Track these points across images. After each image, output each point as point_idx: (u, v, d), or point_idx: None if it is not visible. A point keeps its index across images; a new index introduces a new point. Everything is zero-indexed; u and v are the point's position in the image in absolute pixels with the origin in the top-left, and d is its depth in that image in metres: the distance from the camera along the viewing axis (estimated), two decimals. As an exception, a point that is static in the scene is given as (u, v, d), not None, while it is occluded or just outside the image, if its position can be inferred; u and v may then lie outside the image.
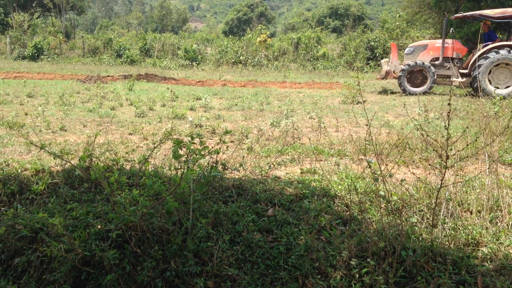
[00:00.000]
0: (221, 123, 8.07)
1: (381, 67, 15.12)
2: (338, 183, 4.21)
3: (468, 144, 4.21)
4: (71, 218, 3.13)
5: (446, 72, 13.96)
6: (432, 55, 14.12)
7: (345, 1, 74.98)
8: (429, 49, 14.22)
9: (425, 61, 13.95)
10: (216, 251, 2.78)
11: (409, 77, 14.01)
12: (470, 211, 3.52)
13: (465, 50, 14.22)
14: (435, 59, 14.08)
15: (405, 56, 14.65)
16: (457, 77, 13.66)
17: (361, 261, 2.68)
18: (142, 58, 31.23)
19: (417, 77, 13.98)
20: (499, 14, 13.30)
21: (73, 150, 5.43)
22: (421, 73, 13.95)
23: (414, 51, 14.46)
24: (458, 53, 14.01)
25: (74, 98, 11.22)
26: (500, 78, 12.93)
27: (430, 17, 26.27)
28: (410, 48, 14.73)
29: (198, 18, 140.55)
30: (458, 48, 14.03)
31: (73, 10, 54.62)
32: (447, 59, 13.99)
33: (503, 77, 12.94)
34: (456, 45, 14.03)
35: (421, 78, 13.95)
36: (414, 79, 14.01)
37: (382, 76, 14.84)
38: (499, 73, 12.93)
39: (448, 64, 13.94)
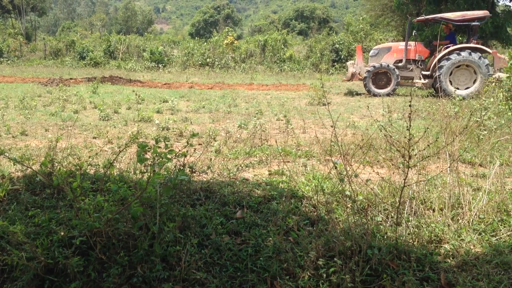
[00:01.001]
0: (189, 126, 8.02)
1: (347, 69, 15.41)
2: (305, 184, 4.25)
3: (429, 144, 4.33)
4: (32, 225, 3.03)
5: (409, 74, 14.38)
6: (395, 57, 14.49)
7: (310, 4, 76.04)
8: (393, 51, 14.60)
9: (389, 63, 14.28)
10: (184, 255, 2.75)
11: (374, 78, 14.32)
12: (432, 209, 3.62)
13: (427, 52, 14.65)
14: (399, 61, 14.44)
15: (370, 58, 14.98)
16: (419, 79, 14.09)
17: (329, 260, 2.71)
18: (106, 60, 30.63)
19: (381, 79, 14.31)
20: (459, 17, 13.85)
21: (35, 155, 5.28)
22: (385, 75, 14.28)
23: (378, 53, 14.81)
24: (421, 55, 14.44)
25: (36, 102, 10.90)
26: (460, 79, 13.38)
27: (393, 20, 26.96)
28: (374, 51, 15.09)
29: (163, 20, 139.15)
30: (421, 50, 14.45)
31: (34, 12, 53.06)
32: (410, 61, 14.39)
33: (464, 78, 13.39)
34: (418, 47, 14.46)
35: (385, 80, 14.28)
36: (379, 81, 14.34)
37: (348, 78, 15.13)
38: (460, 75, 13.38)
39: (411, 66, 14.35)
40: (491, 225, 3.34)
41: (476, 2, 19.35)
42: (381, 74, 14.31)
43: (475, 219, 3.39)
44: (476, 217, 3.41)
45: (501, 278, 2.64)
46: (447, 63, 13.11)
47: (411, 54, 14.37)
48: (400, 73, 14.22)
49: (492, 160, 5.11)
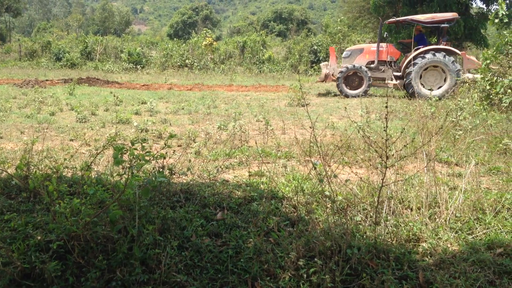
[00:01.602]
0: (168, 127, 7.96)
1: (321, 70, 15.63)
2: (285, 185, 4.26)
3: (406, 144, 4.40)
4: (8, 230, 2.96)
5: (382, 75, 14.67)
6: (368, 59, 14.77)
7: (288, 5, 76.50)
8: (365, 53, 14.88)
9: (361, 64, 14.53)
10: (164, 257, 2.73)
11: (347, 80, 14.53)
12: (410, 208, 3.68)
13: (399, 53, 15.01)
14: (371, 62, 14.73)
15: (343, 60, 15.22)
16: (391, 80, 14.39)
17: (309, 261, 2.72)
18: (83, 62, 30.19)
19: (354, 80, 14.54)
20: (429, 19, 14.26)
21: (10, 159, 5.16)
22: (358, 76, 14.51)
23: (351, 54, 15.06)
24: (392, 57, 14.76)
25: (10, 104, 10.67)
26: (431, 80, 13.73)
27: (370, 22, 27.33)
28: (347, 52, 15.34)
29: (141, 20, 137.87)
30: (392, 51, 14.78)
31: (8, 12, 51.87)
32: (382, 62, 14.71)
33: (434, 78, 13.76)
34: (390, 48, 14.78)
35: (358, 81, 14.51)
36: (352, 82, 14.56)
37: (322, 79, 15.35)
38: (430, 76, 13.74)
39: (383, 67, 14.66)
40: (467, 223, 3.40)
41: (450, 5, 19.74)
42: (354, 75, 14.53)
43: (451, 217, 3.45)
44: (453, 215, 3.48)
45: (477, 276, 2.69)
46: (415, 68, 13.46)
47: (382, 55, 14.67)
48: (372, 74, 14.51)
49: (468, 159, 5.22)
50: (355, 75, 14.51)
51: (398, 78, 14.35)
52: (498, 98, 9.15)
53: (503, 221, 3.44)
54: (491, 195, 3.94)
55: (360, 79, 14.45)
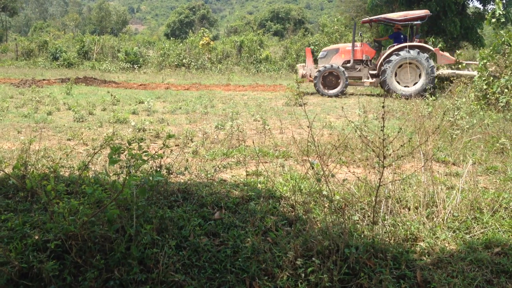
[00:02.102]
0: (165, 127, 7.95)
1: (297, 71, 15.91)
2: (283, 184, 4.26)
3: (404, 144, 4.41)
4: (6, 229, 2.95)
5: (358, 74, 14.94)
6: (343, 58, 15.02)
7: (286, 5, 76.46)
8: (341, 53, 15.13)
9: (337, 64, 14.76)
10: (161, 257, 2.72)
11: (324, 79, 14.74)
12: (408, 208, 3.68)
13: (373, 52, 15.28)
14: (347, 61, 14.97)
15: (319, 60, 15.45)
16: (368, 78, 14.70)
17: (307, 260, 2.73)
18: (80, 61, 30.11)
19: (331, 79, 14.73)
20: (401, 17, 14.61)
21: (7, 158, 5.14)
22: (334, 75, 14.70)
23: (327, 55, 15.30)
24: (367, 55, 15.03)
25: (7, 103, 10.63)
26: (406, 77, 14.03)
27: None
28: (323, 52, 15.59)
29: (138, 20, 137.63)
30: (367, 50, 15.07)
31: (5, 11, 51.63)
32: (357, 61, 14.96)
33: (409, 75, 14.05)
34: (364, 48, 15.08)
35: (335, 80, 14.71)
36: (329, 82, 14.75)
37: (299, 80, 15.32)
38: (405, 73, 14.02)
39: (359, 66, 14.91)
40: (465, 222, 3.41)
41: (448, 4, 19.78)
42: (331, 75, 14.72)
43: (449, 217, 3.46)
44: (450, 215, 3.49)
45: (475, 275, 2.70)
46: (389, 65, 13.75)
47: (358, 54, 14.94)
48: (349, 73, 14.70)
49: (465, 159, 5.24)
50: (332, 75, 14.72)
51: (374, 77, 14.65)
52: (495, 97, 9.19)
53: (500, 220, 3.46)
54: (488, 195, 3.95)
55: (337, 78, 14.67)
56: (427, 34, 19.31)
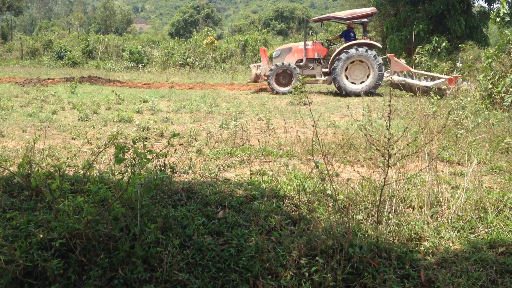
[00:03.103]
0: (169, 126, 7.96)
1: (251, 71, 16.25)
2: (287, 183, 4.26)
3: (408, 143, 4.39)
4: (10, 228, 2.97)
5: (311, 72, 15.38)
6: (296, 57, 15.44)
7: (290, 4, 76.34)
8: (294, 52, 15.55)
9: (291, 62, 15.16)
10: (165, 256, 2.73)
11: (277, 77, 15.09)
12: (412, 207, 3.67)
13: (325, 50, 15.69)
14: (300, 60, 15.38)
15: (274, 59, 15.85)
16: (321, 76, 15.16)
17: (310, 259, 2.72)
18: (84, 60, 30.22)
19: (284, 77, 15.10)
20: (349, 15, 15.17)
21: (12, 157, 5.17)
22: (287, 73, 15.07)
23: (280, 54, 15.71)
24: (320, 54, 15.47)
25: (12, 102, 10.68)
26: (356, 74, 14.50)
27: (371, 20, 27.21)
28: (277, 52, 16.01)
29: (143, 19, 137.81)
30: (319, 49, 15.53)
31: (10, 11, 51.83)
32: (310, 60, 15.39)
33: (358, 72, 14.52)
34: (317, 46, 15.56)
35: (288, 78, 15.07)
36: (282, 79, 15.11)
37: (252, 80, 16.00)
38: (355, 69, 14.49)
39: (312, 65, 15.35)
40: (469, 222, 3.40)
41: (453, 3, 19.69)
42: (284, 73, 15.08)
43: (453, 216, 3.45)
44: (455, 214, 3.47)
45: (479, 275, 2.69)
46: (339, 62, 14.19)
47: (310, 53, 15.37)
48: (302, 72, 15.14)
49: (470, 158, 5.21)
50: (285, 73, 15.08)
51: (326, 74, 15.07)
52: (500, 97, 9.15)
53: (505, 220, 3.44)
54: (493, 194, 3.93)
55: (289, 76, 15.04)
56: (431, 33, 19.22)
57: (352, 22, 15.59)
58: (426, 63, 16.31)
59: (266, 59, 15.84)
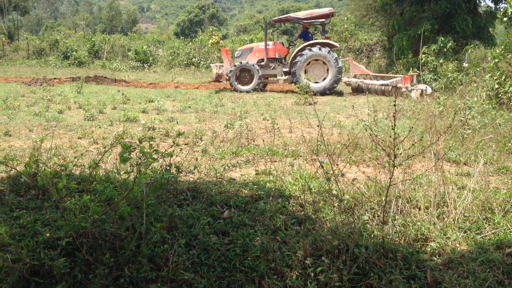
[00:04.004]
0: (175, 126, 7.97)
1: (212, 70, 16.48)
2: (292, 183, 4.26)
3: (414, 143, 4.38)
4: (17, 227, 2.99)
5: (273, 72, 15.64)
6: (258, 57, 15.72)
7: (295, 3, 76.28)
8: (255, 51, 15.83)
9: (252, 62, 15.43)
10: (171, 255, 2.74)
11: (239, 76, 15.40)
12: (418, 208, 3.66)
13: (286, 50, 16.03)
14: (261, 60, 15.65)
15: (235, 59, 16.15)
16: (282, 76, 15.39)
17: (316, 259, 2.72)
18: (90, 60, 30.33)
19: (245, 76, 15.40)
20: (307, 16, 15.50)
21: (19, 156, 5.19)
22: (248, 72, 15.38)
23: (242, 53, 15.99)
24: (280, 54, 15.80)
25: (19, 102, 10.73)
26: (315, 73, 14.81)
27: (377, 20, 27.17)
28: (239, 52, 16.29)
29: (148, 19, 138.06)
30: (279, 49, 15.87)
31: (16, 11, 52.16)
32: (271, 59, 15.66)
33: (318, 71, 14.82)
34: (277, 46, 15.89)
35: (249, 77, 15.39)
36: (243, 78, 15.42)
37: (213, 79, 16.20)
38: (314, 69, 14.81)
39: (273, 64, 15.60)
40: (476, 223, 3.38)
41: (459, 3, 19.59)
42: (245, 72, 15.40)
43: (460, 217, 3.43)
44: (461, 215, 3.46)
45: (486, 276, 2.68)
46: (300, 59, 14.49)
47: (271, 53, 15.64)
48: (264, 71, 15.46)
49: (476, 158, 5.19)
50: (246, 72, 15.38)
51: (287, 74, 15.33)
52: (507, 97, 9.10)
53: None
54: (500, 195, 3.91)
55: (250, 75, 15.33)
56: (437, 33, 19.13)
57: (311, 23, 15.98)
58: (432, 63, 16.22)
59: (227, 58, 16.14)
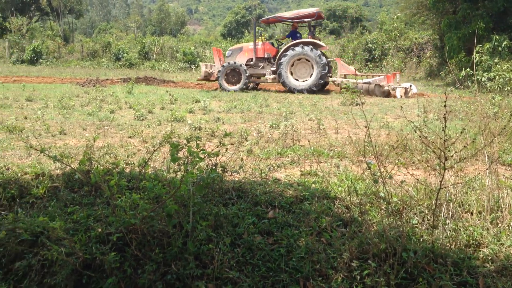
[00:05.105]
0: (221, 126, 8.07)
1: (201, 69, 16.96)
2: (338, 184, 4.20)
3: (467, 145, 4.21)
4: (71, 222, 3.12)
5: (261, 71, 15.91)
6: (247, 56, 16.02)
7: (343, 3, 75.17)
8: (244, 51, 16.13)
9: (242, 62, 15.74)
10: (216, 253, 2.77)
11: (227, 76, 15.66)
12: (470, 212, 3.52)
13: (275, 50, 16.13)
14: (250, 60, 15.91)
15: (226, 58, 16.42)
16: (270, 75, 15.64)
17: (362, 263, 2.68)
18: (140, 61, 31.27)
19: (233, 76, 15.68)
20: (294, 15, 15.81)
21: (73, 154, 5.42)
22: (237, 72, 15.65)
23: (232, 53, 16.31)
24: (269, 53, 16.00)
25: (73, 102, 11.21)
26: (302, 72, 15.09)
27: (428, 18, 26.25)
28: (229, 51, 16.61)
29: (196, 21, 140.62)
30: (268, 49, 16.08)
31: (71, 14, 54.61)
32: (260, 59, 15.91)
33: (304, 71, 15.09)
34: (266, 46, 16.12)
35: (237, 77, 15.66)
36: (232, 78, 15.69)
37: (202, 77, 16.53)
38: (301, 67, 15.07)
39: (262, 64, 15.84)
40: (533, 229, 3.21)
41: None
42: (234, 72, 15.66)
43: (515, 223, 3.27)
44: (517, 221, 3.29)
45: (543, 285, 2.54)
46: (285, 58, 14.89)
47: (259, 53, 15.90)
48: (253, 70, 15.75)
49: (534, 162, 4.92)
50: (235, 72, 15.64)
51: (274, 73, 15.49)
52: None
53: None
54: (560, 201, 3.69)
55: (239, 75, 15.58)
56: (492, 31, 18.29)
57: (297, 22, 16.17)
58: (486, 63, 15.53)
59: (218, 58, 16.43)
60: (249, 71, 15.64)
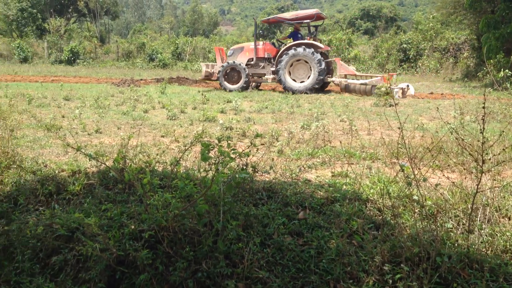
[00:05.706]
0: (251, 126, 8.09)
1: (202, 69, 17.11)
2: (370, 186, 4.14)
3: (505, 148, 4.07)
4: (105, 218, 3.19)
5: (262, 71, 16.00)
6: (248, 56, 16.10)
7: (377, 2, 73.98)
8: (245, 51, 16.22)
9: (243, 61, 15.85)
10: (246, 253, 2.78)
11: (227, 75, 15.83)
12: (508, 217, 3.40)
13: (276, 50, 16.07)
14: (251, 59, 15.99)
15: (228, 58, 16.51)
16: (270, 75, 15.70)
17: (395, 266, 2.63)
18: (174, 62, 31.75)
19: (233, 75, 15.83)
20: (293, 17, 15.90)
21: (108, 152, 5.54)
22: (237, 72, 15.78)
23: (233, 53, 16.41)
24: (269, 53, 16.05)
25: (109, 101, 11.47)
26: (300, 73, 15.09)
27: (466, 18, 25.51)
28: (230, 51, 16.69)
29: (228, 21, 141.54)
30: (269, 49, 16.20)
31: (107, 15, 55.90)
32: (260, 59, 15.99)
33: (302, 72, 15.07)
34: (266, 46, 16.30)
35: (237, 77, 15.80)
36: (231, 78, 15.85)
37: (203, 77, 16.74)
38: (299, 68, 15.08)
39: (263, 64, 15.93)
40: None
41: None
42: (234, 71, 15.80)
43: (557, 230, 3.14)
44: (559, 228, 3.16)
45: None
46: (282, 61, 14.93)
47: (260, 53, 16.08)
48: (254, 70, 16.02)
49: None
50: (235, 71, 15.76)
51: (274, 73, 15.62)
52: None
53: None
54: None
55: (239, 75, 15.70)
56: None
57: (297, 23, 16.05)
58: (526, 64, 14.99)
59: (220, 58, 16.63)
60: (250, 70, 15.85)
